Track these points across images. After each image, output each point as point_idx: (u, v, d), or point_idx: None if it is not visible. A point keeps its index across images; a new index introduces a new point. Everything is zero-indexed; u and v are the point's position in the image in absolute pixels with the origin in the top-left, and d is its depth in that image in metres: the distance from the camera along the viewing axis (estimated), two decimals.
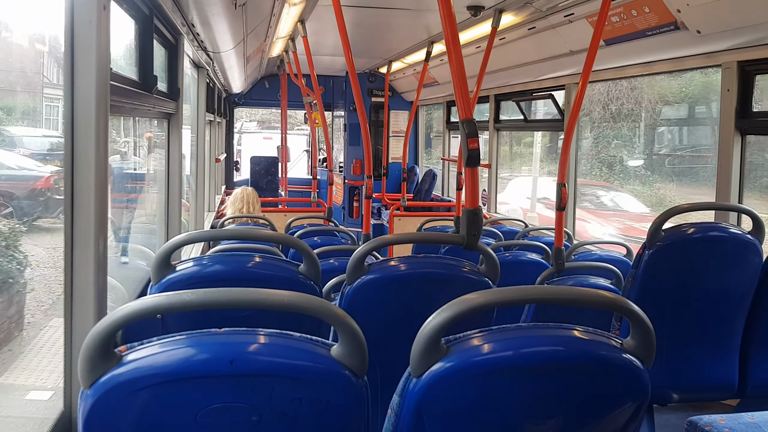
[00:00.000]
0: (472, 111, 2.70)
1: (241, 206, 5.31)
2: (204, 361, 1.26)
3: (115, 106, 2.52)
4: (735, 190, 3.92)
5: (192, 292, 1.31)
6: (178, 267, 2.24)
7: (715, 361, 2.94)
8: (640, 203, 8.70)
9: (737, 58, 3.82)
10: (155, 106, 3.41)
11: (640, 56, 4.60)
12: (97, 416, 1.25)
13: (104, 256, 1.95)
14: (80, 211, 1.86)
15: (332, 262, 3.56)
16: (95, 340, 1.24)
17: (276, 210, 8.49)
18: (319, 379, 1.30)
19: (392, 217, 8.05)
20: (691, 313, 2.89)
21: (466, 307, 1.40)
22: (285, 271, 2.28)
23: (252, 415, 1.28)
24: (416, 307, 1.92)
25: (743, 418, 2.28)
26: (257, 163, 12.51)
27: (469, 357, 1.38)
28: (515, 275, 3.65)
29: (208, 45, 5.28)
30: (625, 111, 6.85)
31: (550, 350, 1.42)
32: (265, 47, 7.47)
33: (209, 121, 7.81)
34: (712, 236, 2.84)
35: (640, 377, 1.44)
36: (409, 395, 1.39)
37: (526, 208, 10.22)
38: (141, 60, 3.27)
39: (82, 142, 1.85)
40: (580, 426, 1.46)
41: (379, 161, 10.61)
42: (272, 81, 11.48)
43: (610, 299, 1.48)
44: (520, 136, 10.63)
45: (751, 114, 3.85)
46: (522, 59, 6.10)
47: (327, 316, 1.34)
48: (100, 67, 1.89)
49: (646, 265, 2.81)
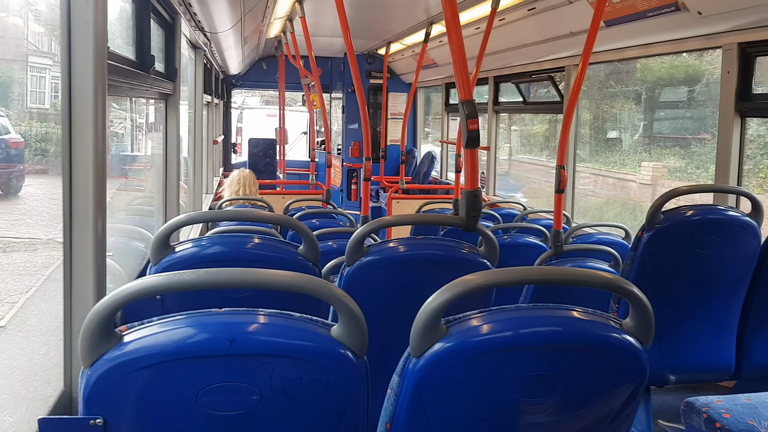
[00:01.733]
0: (472, 92, 2.69)
1: (239, 188, 5.29)
2: (204, 341, 1.26)
3: (113, 86, 2.50)
4: (734, 173, 3.92)
5: (192, 272, 1.30)
6: (177, 248, 2.23)
7: (712, 343, 2.96)
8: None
9: (738, 40, 3.81)
10: (153, 86, 3.39)
11: (641, 37, 4.57)
12: (98, 395, 1.25)
13: (103, 236, 1.95)
14: (78, 192, 1.85)
15: (331, 244, 3.56)
16: (95, 320, 1.24)
17: (274, 192, 8.48)
18: (319, 358, 1.31)
19: (390, 199, 8.04)
20: (689, 296, 2.90)
21: (465, 287, 1.40)
22: (284, 253, 2.28)
23: (252, 394, 1.29)
24: (415, 289, 1.92)
25: (740, 399, 2.29)
26: (255, 145, 12.47)
27: (469, 337, 1.39)
28: (514, 258, 3.66)
29: (205, 25, 5.24)
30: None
31: (548, 331, 1.42)
32: (262, 28, 7.41)
33: (207, 103, 7.77)
34: (710, 218, 2.84)
35: (638, 358, 1.45)
36: (408, 375, 1.39)
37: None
38: (138, 40, 3.25)
39: (80, 121, 1.84)
40: (579, 406, 1.47)
41: (377, 144, 10.58)
42: (270, 62, 11.41)
43: (609, 279, 1.48)
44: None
45: (752, 96, 3.84)
46: (522, 40, 6.07)
47: (327, 296, 1.34)
48: (98, 46, 1.87)
49: (644, 248, 2.81)
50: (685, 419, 2.39)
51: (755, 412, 2.20)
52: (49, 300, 2.09)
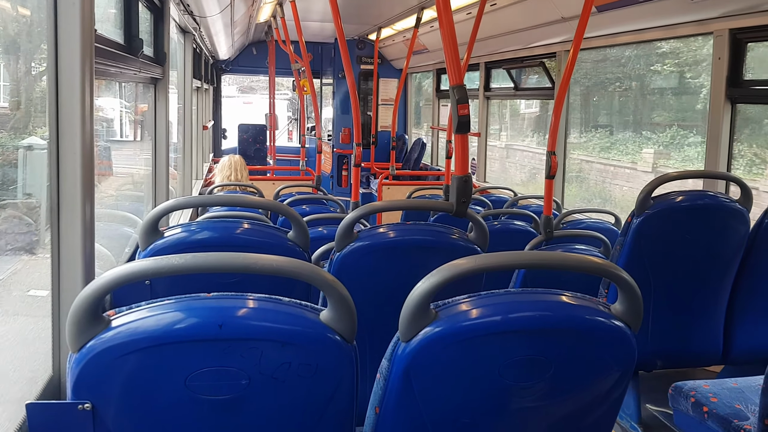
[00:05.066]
0: (463, 77, 2.67)
1: (229, 174, 5.27)
2: (193, 326, 1.26)
3: (100, 70, 2.47)
4: (724, 159, 3.93)
5: (180, 257, 1.30)
6: (166, 233, 2.22)
7: (700, 327, 2.98)
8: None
9: (729, 26, 3.80)
10: (141, 70, 3.36)
11: (632, 23, 4.57)
12: (86, 380, 1.24)
13: (91, 220, 1.93)
14: (66, 175, 1.83)
15: (321, 230, 3.56)
16: (83, 304, 1.23)
17: (264, 178, 8.45)
18: (308, 343, 1.30)
19: (381, 185, 8.03)
20: (678, 281, 2.91)
21: (455, 272, 1.40)
22: (274, 238, 2.27)
23: (241, 378, 1.29)
24: (405, 274, 1.92)
25: (727, 384, 2.32)
26: (245, 131, 12.40)
27: (458, 322, 1.39)
28: (504, 243, 3.66)
29: (194, 9, 5.19)
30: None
31: (538, 315, 1.42)
32: (252, 12, 7.35)
33: (196, 88, 7.72)
34: (700, 204, 2.85)
35: (627, 342, 1.46)
36: (397, 360, 1.40)
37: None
38: (126, 23, 3.21)
39: (66, 104, 1.82)
40: (567, 390, 1.48)
41: (368, 129, 10.55)
42: (260, 47, 11.34)
43: (598, 264, 1.49)
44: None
45: (742, 82, 3.84)
46: (513, 26, 6.05)
47: (316, 281, 1.34)
48: (84, 28, 1.85)
49: (634, 233, 2.82)
50: (673, 403, 2.42)
51: (742, 396, 2.23)
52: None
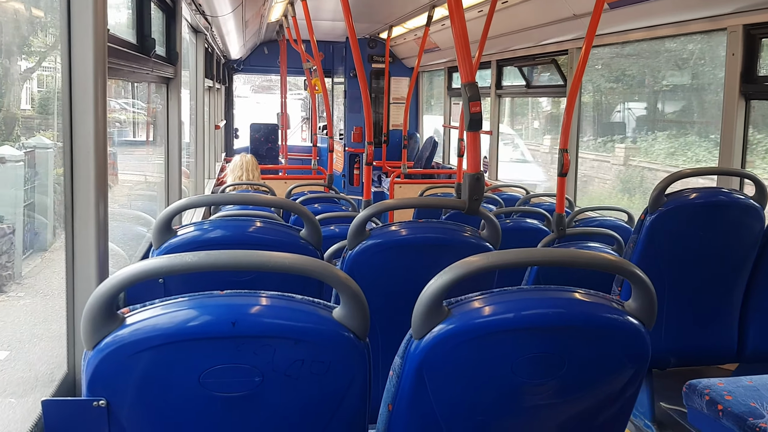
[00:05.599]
0: (475, 74, 2.67)
1: (241, 173, 5.30)
2: (206, 323, 1.26)
3: (113, 69, 2.49)
4: (738, 156, 3.90)
5: (194, 255, 1.30)
6: (180, 231, 2.23)
7: (714, 325, 2.96)
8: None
9: (743, 22, 3.77)
10: (153, 70, 3.38)
11: (645, 20, 4.54)
12: (101, 377, 1.25)
13: (105, 219, 1.94)
14: (80, 174, 1.85)
15: (333, 228, 3.56)
16: (98, 302, 1.24)
17: (276, 177, 8.47)
18: (321, 340, 1.31)
19: (393, 184, 8.03)
20: (692, 278, 2.89)
21: (467, 269, 1.39)
22: (286, 236, 2.27)
23: (254, 376, 1.29)
24: (417, 271, 1.91)
25: (742, 382, 2.30)
26: (257, 130, 12.44)
27: (471, 319, 1.39)
28: (516, 241, 3.65)
29: (206, 8, 5.21)
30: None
31: (551, 312, 1.42)
32: (263, 11, 7.37)
33: (208, 87, 7.75)
34: (714, 201, 2.83)
35: (641, 339, 1.45)
36: (410, 357, 1.39)
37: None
38: (138, 23, 3.23)
39: (80, 104, 1.83)
40: (581, 388, 1.47)
41: (379, 128, 10.55)
42: (271, 47, 11.37)
43: (612, 261, 1.48)
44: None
45: (756, 79, 3.81)
46: (525, 24, 6.02)
47: (328, 278, 1.34)
48: (98, 28, 1.86)
49: (647, 230, 2.80)
50: (687, 401, 2.40)
51: (757, 394, 2.21)
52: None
